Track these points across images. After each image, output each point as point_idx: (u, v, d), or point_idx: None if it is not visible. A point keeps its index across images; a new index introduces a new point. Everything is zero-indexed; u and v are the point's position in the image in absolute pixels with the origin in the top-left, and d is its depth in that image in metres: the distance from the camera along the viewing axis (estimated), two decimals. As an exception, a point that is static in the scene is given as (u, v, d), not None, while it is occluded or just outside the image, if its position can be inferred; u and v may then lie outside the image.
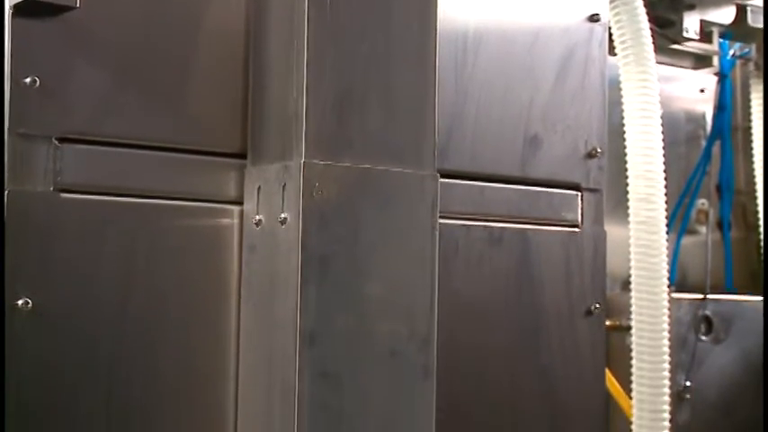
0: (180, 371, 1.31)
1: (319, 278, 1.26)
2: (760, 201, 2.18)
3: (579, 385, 1.67)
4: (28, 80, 1.22)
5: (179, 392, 1.31)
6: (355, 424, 1.27)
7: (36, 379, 1.22)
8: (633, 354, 1.71)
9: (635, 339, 1.70)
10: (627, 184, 1.73)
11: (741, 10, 2.07)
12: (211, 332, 1.33)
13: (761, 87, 2.16)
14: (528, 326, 1.61)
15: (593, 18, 1.68)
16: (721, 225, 2.28)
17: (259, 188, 1.33)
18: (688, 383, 1.97)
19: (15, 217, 1.21)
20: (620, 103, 1.74)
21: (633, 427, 1.71)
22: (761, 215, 2.19)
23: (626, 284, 1.83)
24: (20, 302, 1.20)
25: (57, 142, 1.25)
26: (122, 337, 1.27)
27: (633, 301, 1.70)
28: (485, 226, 1.58)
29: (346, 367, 1.27)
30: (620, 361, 1.83)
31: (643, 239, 1.70)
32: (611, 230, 1.72)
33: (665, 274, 1.70)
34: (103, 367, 1.26)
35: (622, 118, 1.74)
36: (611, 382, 1.87)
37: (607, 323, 1.74)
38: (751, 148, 2.21)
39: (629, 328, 1.74)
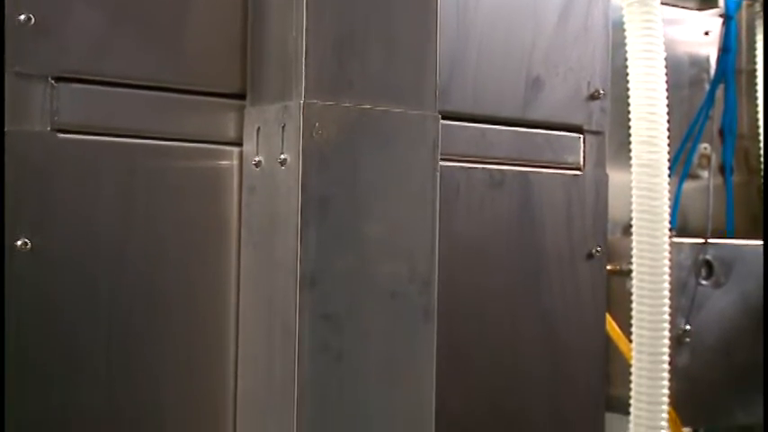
0: (180, 311, 1.31)
1: (319, 219, 1.26)
2: (762, 144, 2.17)
3: (580, 328, 1.67)
4: (23, 17, 1.20)
5: (179, 333, 1.31)
6: (356, 365, 1.27)
7: (36, 319, 1.22)
8: (633, 297, 1.70)
9: (635, 282, 1.70)
10: (629, 128, 1.72)
11: (748, -52, 2.04)
12: (211, 273, 1.33)
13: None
14: (529, 269, 1.61)
15: (597, -42, 1.66)
16: (723, 169, 2.27)
17: (258, 129, 1.32)
18: (688, 327, 1.97)
19: (13, 157, 1.20)
20: (624, 45, 1.71)
21: (633, 369, 1.71)
22: (762, 159, 2.18)
23: (627, 229, 1.82)
24: (19, 243, 1.20)
25: (53, 81, 1.23)
26: (122, 277, 1.27)
27: (634, 244, 1.70)
28: (486, 168, 1.58)
29: (347, 309, 1.27)
30: (620, 305, 1.83)
31: (645, 182, 1.68)
32: (613, 175, 1.71)
33: (667, 217, 1.69)
34: (103, 307, 1.26)
35: (625, 60, 1.71)
36: (611, 325, 1.87)
37: (608, 267, 1.74)
38: (755, 91, 2.18)
39: (630, 272, 1.73)
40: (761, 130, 2.17)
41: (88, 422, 1.25)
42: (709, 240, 2.04)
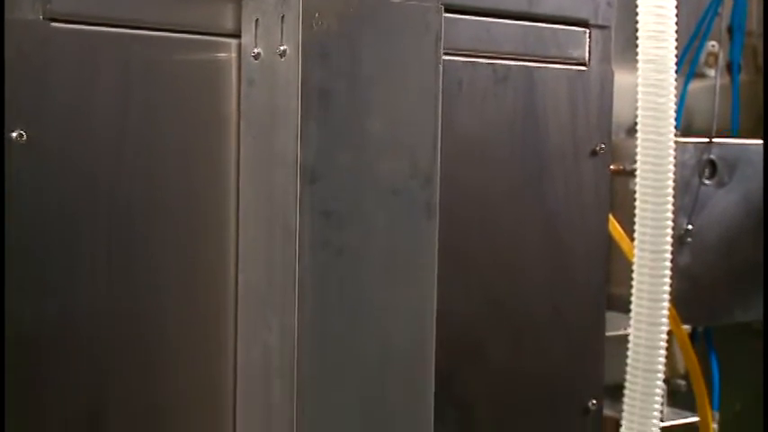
0: (179, 204, 1.30)
1: (320, 113, 1.24)
2: (763, 40, 2.13)
3: (582, 225, 1.66)
4: None
5: (179, 226, 1.30)
6: (357, 260, 1.27)
7: (35, 213, 1.21)
8: (637, 195, 1.69)
9: (639, 180, 1.68)
10: (636, 22, 1.68)
11: None
12: (210, 167, 1.32)
13: None
14: (532, 165, 1.60)
15: None
16: (731, 68, 2.23)
17: (257, 20, 1.29)
18: (690, 227, 1.97)
19: (7, 46, 1.17)
20: (633, -63, 1.66)
21: (634, 267, 1.71)
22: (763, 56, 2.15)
23: (631, 130, 1.80)
24: (14, 135, 1.18)
25: (45, -32, 1.20)
26: (120, 171, 1.26)
27: (639, 141, 1.67)
28: (489, 63, 1.55)
29: (348, 204, 1.26)
30: (622, 205, 1.82)
31: (651, 78, 1.65)
32: (617, 76, 1.68)
33: (673, 114, 1.67)
34: (102, 202, 1.25)
35: (634, -48, 1.67)
36: (613, 225, 1.86)
37: (611, 167, 1.72)
38: (766, -14, 2.14)
39: (633, 172, 1.72)
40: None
41: (87, 319, 1.25)
42: (714, 140, 2.02)
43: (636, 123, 1.69)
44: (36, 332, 1.22)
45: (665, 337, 1.70)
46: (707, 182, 2.00)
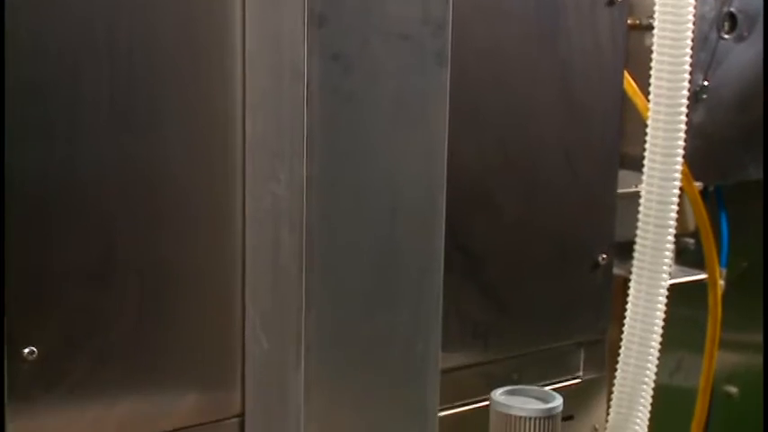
0: (183, 50, 1.26)
1: (327, -46, 1.18)
2: None
3: (597, 80, 1.63)
4: None
5: (183, 73, 1.26)
6: (366, 106, 1.24)
7: (33, 61, 1.16)
8: (654, 47, 1.64)
9: (657, 32, 1.63)
10: None
11: None
12: (214, 11, 1.27)
13: None
14: (546, 14, 1.55)
15: None
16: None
17: None
18: (705, 83, 1.92)
19: None
20: None
21: (649, 122, 1.67)
22: None
23: (648, -18, 1.74)
24: (9, -22, 1.14)
25: None
26: (120, 15, 1.21)
27: (658, -9, 1.61)
28: None
29: (357, 49, 1.22)
30: (636, 63, 1.77)
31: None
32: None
33: (695, -37, 1.60)
34: (104, 50, 1.20)
35: None
36: (628, 81, 1.82)
37: (627, 22, 1.67)
38: None
39: (650, 27, 1.66)
40: None
41: (90, 174, 1.22)
42: (736, -8, 1.95)
43: (655, -28, 1.63)
44: (39, 183, 1.19)
45: (677, 192, 1.68)
46: (725, 36, 1.94)
